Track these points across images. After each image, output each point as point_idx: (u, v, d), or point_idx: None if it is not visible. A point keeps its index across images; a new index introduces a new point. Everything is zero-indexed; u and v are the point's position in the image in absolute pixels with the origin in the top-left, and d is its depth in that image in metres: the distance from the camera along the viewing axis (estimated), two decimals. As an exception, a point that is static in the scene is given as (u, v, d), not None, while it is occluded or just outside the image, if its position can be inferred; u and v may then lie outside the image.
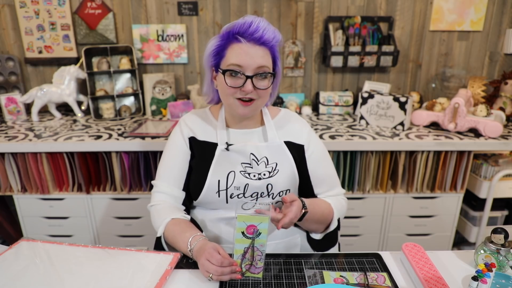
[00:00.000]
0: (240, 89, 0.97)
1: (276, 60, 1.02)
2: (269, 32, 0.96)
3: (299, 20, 2.22)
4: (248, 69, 0.95)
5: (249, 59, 0.94)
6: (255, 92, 0.97)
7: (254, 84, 0.96)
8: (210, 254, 0.84)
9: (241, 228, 0.85)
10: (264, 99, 1.02)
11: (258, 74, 0.96)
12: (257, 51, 0.95)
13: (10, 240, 2.05)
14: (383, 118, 1.94)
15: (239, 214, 0.86)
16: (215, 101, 1.14)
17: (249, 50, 0.95)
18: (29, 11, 2.14)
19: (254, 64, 0.95)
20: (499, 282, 0.82)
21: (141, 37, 2.21)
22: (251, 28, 0.94)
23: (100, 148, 1.72)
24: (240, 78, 0.96)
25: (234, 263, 0.84)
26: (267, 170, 1.05)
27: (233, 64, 0.95)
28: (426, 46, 2.27)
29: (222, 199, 1.05)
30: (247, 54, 0.94)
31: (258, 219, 0.85)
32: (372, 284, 0.84)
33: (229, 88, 0.97)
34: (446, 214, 1.93)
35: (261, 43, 0.96)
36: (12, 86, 2.27)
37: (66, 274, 0.86)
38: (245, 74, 0.95)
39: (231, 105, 1.01)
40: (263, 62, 0.96)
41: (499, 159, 1.90)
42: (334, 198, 1.13)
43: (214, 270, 0.82)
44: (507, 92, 2.08)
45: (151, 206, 1.09)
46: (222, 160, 1.05)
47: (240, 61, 0.95)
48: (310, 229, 1.11)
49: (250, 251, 0.86)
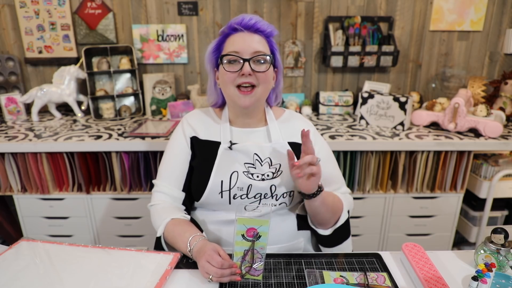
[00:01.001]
0: (239, 74, 0.98)
1: (275, 52, 1.05)
2: (264, 23, 1.01)
3: (299, 20, 2.22)
4: (245, 53, 0.98)
5: (245, 44, 0.98)
6: (254, 77, 0.98)
7: (253, 68, 0.98)
8: (210, 256, 0.84)
9: (241, 231, 0.85)
10: (265, 86, 1.02)
11: (255, 57, 0.98)
12: (253, 37, 1.00)
13: (10, 240, 2.05)
14: (383, 118, 1.94)
15: (239, 217, 0.86)
16: (218, 104, 1.13)
17: (245, 36, 1.00)
18: (29, 11, 2.14)
19: (250, 48, 0.98)
20: (499, 282, 0.82)
21: (141, 37, 2.21)
22: (246, 18, 1.00)
23: (100, 148, 1.72)
24: (238, 63, 0.98)
25: (234, 265, 0.84)
26: (271, 171, 1.04)
27: (231, 51, 0.99)
28: (426, 46, 2.27)
29: (225, 200, 1.04)
30: (243, 40, 0.99)
31: (258, 222, 0.85)
32: (372, 284, 0.84)
33: (228, 74, 0.99)
34: (446, 214, 1.93)
35: (255, 30, 1.00)
36: (12, 86, 2.27)
37: (66, 274, 0.86)
38: (243, 57, 0.98)
39: (232, 96, 1.01)
40: (260, 47, 0.99)
41: (499, 159, 1.90)
42: (341, 195, 1.13)
43: (214, 272, 0.82)
44: (507, 92, 2.08)
45: (151, 206, 1.09)
46: (225, 159, 1.04)
47: (237, 47, 0.98)
48: (322, 218, 1.05)
49: (250, 253, 0.86)
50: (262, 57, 0.99)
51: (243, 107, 1.01)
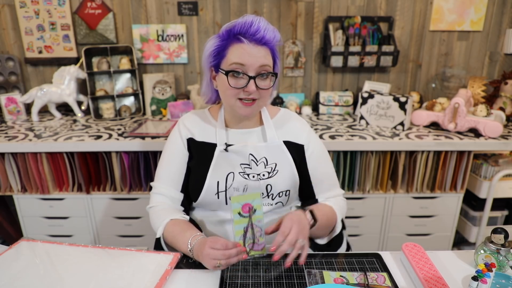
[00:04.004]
0: (243, 90, 0.96)
1: (276, 60, 1.02)
2: (270, 32, 0.96)
3: (299, 20, 2.22)
4: (251, 68, 0.94)
5: (252, 59, 0.94)
6: (257, 92, 0.97)
7: (257, 84, 0.96)
8: (212, 241, 0.85)
9: (236, 209, 0.88)
10: (266, 99, 1.02)
11: (260, 74, 0.96)
12: (260, 51, 0.95)
13: (10, 240, 2.05)
14: (383, 118, 1.94)
15: (232, 196, 0.90)
16: (212, 100, 1.13)
17: (251, 50, 0.94)
18: (29, 11, 2.14)
19: (256, 63, 0.94)
20: (499, 282, 0.82)
21: (141, 37, 2.21)
22: (253, 28, 0.93)
23: (100, 148, 1.72)
24: (242, 79, 0.95)
25: (238, 244, 0.87)
26: (267, 171, 1.04)
27: (236, 63, 0.94)
28: (426, 46, 2.27)
29: (221, 201, 1.04)
30: (249, 54, 0.94)
31: (251, 197, 0.89)
32: (372, 284, 0.84)
33: (231, 89, 0.96)
34: (446, 214, 1.93)
35: (262, 43, 0.95)
36: (12, 86, 2.27)
37: (66, 274, 0.86)
38: (248, 74, 0.95)
39: (233, 106, 1.00)
40: (265, 62, 0.96)
41: (499, 159, 1.90)
42: (334, 200, 1.13)
43: (221, 254, 0.83)
44: (507, 92, 2.08)
45: (150, 208, 1.09)
46: (221, 161, 1.04)
47: (243, 61, 0.94)
48: (316, 235, 1.07)
49: (250, 229, 0.89)
50: (266, 72, 0.96)
51: (243, 116, 1.02)
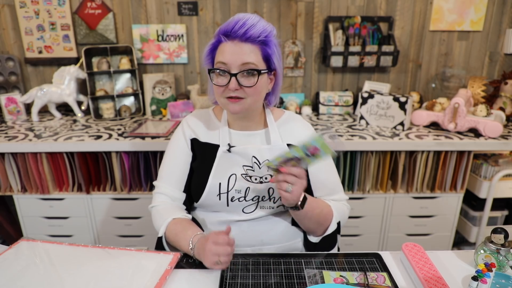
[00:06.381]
0: (226, 88, 0.96)
1: (270, 57, 0.98)
2: (255, 28, 0.93)
3: (299, 20, 2.22)
4: (233, 66, 0.94)
5: (233, 57, 0.93)
6: (242, 91, 0.95)
7: (240, 82, 0.94)
8: (215, 237, 0.85)
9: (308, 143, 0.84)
10: (255, 98, 0.98)
11: (243, 71, 0.94)
12: (242, 48, 0.93)
13: (10, 240, 2.05)
14: (383, 118, 1.94)
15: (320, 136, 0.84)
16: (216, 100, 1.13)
17: (233, 47, 0.93)
18: (29, 11, 2.14)
19: (238, 61, 0.93)
20: (499, 282, 0.82)
21: (141, 37, 2.21)
22: (236, 26, 0.92)
23: (100, 148, 1.72)
24: (226, 77, 0.95)
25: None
26: (269, 174, 1.04)
27: (219, 62, 0.95)
28: (426, 46, 2.27)
29: (222, 202, 1.04)
30: (231, 52, 0.93)
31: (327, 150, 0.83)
32: (372, 284, 0.84)
33: (217, 88, 0.98)
34: (446, 214, 1.93)
35: (245, 39, 0.93)
36: (12, 86, 2.27)
37: (66, 274, 0.86)
38: (230, 72, 0.94)
39: (224, 104, 1.00)
40: (248, 59, 0.93)
41: (499, 159, 1.90)
42: (335, 202, 1.11)
43: (223, 250, 0.84)
44: (507, 92, 2.08)
45: (152, 207, 1.09)
46: (223, 162, 1.04)
47: (225, 59, 0.94)
48: (308, 228, 1.06)
49: (295, 161, 0.88)
50: (250, 70, 0.94)
51: (233, 113, 1.00)
